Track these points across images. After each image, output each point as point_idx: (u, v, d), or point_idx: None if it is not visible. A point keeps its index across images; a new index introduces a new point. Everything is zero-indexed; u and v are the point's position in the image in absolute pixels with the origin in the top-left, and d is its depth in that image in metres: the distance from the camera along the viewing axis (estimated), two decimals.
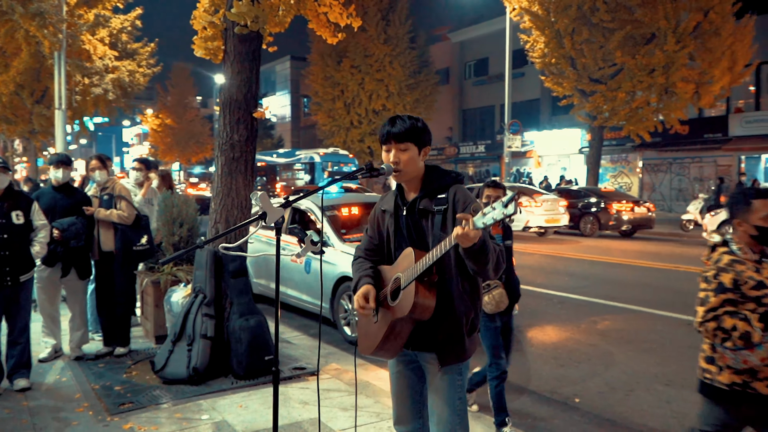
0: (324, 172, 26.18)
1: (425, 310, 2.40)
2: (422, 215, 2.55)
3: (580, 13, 19.65)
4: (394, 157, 2.54)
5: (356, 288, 2.64)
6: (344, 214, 7.63)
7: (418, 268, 2.37)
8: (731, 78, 19.38)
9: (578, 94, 21.19)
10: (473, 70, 36.41)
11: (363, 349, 2.68)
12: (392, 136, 2.53)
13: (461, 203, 2.49)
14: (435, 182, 2.57)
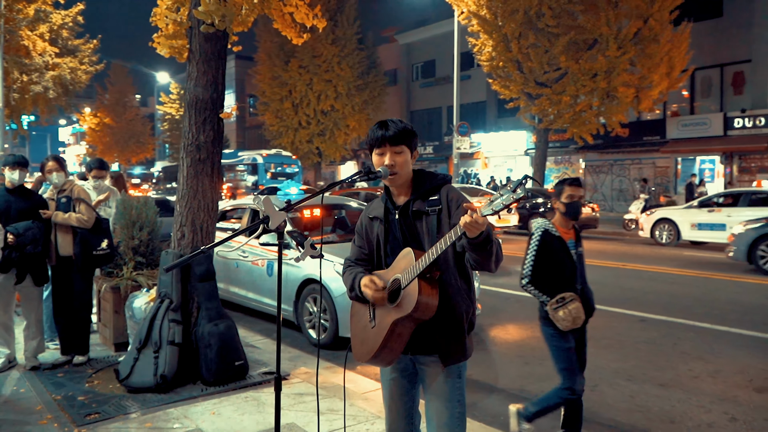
0: (267, 173, 26.04)
1: (428, 308, 2.39)
2: (416, 217, 2.56)
3: (526, 18, 20.10)
4: (389, 160, 2.54)
5: (353, 287, 2.62)
6: (306, 216, 7.58)
7: (420, 264, 2.35)
8: (669, 83, 20.20)
9: (525, 97, 21.67)
10: (420, 71, 36.73)
11: (359, 356, 2.65)
12: (387, 140, 2.54)
13: (455, 202, 2.51)
14: (426, 184, 2.58)
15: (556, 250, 3.67)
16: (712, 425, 4.34)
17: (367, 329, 2.61)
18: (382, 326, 2.52)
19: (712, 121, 22.56)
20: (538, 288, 3.67)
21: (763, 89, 22.16)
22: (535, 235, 3.69)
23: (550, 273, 3.66)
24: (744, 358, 5.81)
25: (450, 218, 2.49)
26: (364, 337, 2.63)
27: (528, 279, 3.68)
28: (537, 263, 3.66)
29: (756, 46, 22.22)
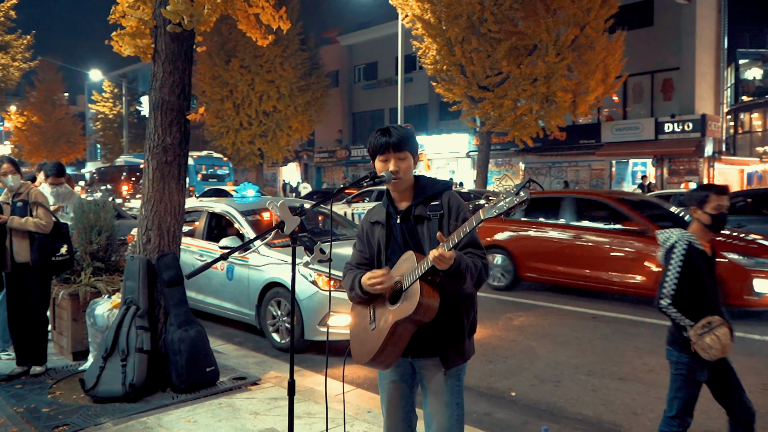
0: (198, 174, 25.63)
1: (429, 309, 2.41)
2: (418, 222, 2.60)
3: (469, 22, 20.48)
4: (393, 166, 2.57)
5: (353, 287, 2.64)
6: (266, 218, 7.50)
7: (422, 267, 2.39)
8: (604, 89, 21.02)
9: (468, 101, 22.07)
10: (362, 73, 36.83)
11: (359, 357, 2.68)
12: (391, 146, 2.57)
13: (455, 210, 2.58)
14: (428, 189, 2.63)
15: (699, 266, 3.24)
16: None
17: (367, 331, 2.64)
18: (383, 328, 2.54)
19: (644, 125, 23.63)
20: (680, 310, 3.26)
21: (690, 96, 23.39)
22: (678, 248, 3.23)
23: (692, 293, 3.26)
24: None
25: (449, 224, 2.54)
26: (363, 338, 2.65)
27: (670, 300, 3.26)
28: (680, 282, 3.23)
29: (684, 54, 23.43)
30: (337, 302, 6.02)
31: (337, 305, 6.02)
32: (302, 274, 6.18)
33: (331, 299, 6.01)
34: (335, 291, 6.04)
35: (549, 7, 19.88)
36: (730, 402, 3.44)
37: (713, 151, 23.41)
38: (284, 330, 6.33)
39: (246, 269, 6.73)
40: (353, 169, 35.01)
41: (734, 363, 5.66)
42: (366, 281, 2.54)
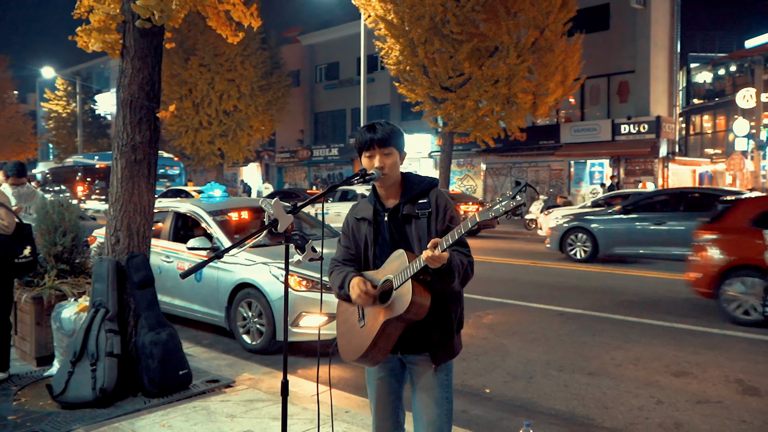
0: None
1: (421, 308, 2.42)
2: (406, 220, 2.60)
3: (432, 24, 20.61)
4: (378, 162, 2.57)
5: (342, 286, 2.62)
6: (234, 219, 7.39)
7: (414, 266, 2.39)
8: (563, 91, 21.45)
9: (430, 101, 22.20)
10: (324, 73, 36.69)
11: (346, 355, 2.67)
12: (376, 142, 2.57)
13: (443, 208, 2.58)
14: (415, 187, 2.63)
15: None
16: (642, 408, 4.70)
17: (356, 329, 2.63)
18: (373, 326, 2.53)
19: (602, 126, 24.20)
20: None
21: (645, 98, 24.05)
22: None
23: None
24: (657, 346, 6.31)
25: (436, 223, 2.55)
26: (352, 336, 2.64)
27: None
28: None
29: (639, 58, 24.08)
30: (309, 302, 5.98)
31: (309, 305, 5.98)
32: (274, 274, 6.12)
33: (304, 300, 5.97)
34: (307, 291, 6.00)
35: (509, 9, 20.16)
36: None
37: (667, 152, 24.13)
38: (255, 331, 6.25)
39: (215, 271, 6.62)
40: (315, 169, 34.86)
41: (694, 355, 5.84)
42: (352, 289, 2.54)
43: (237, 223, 7.41)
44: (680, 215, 11.69)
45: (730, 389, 5.06)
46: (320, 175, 34.57)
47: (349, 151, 32.87)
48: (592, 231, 12.34)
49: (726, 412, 4.62)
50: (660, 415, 4.57)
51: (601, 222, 12.35)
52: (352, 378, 5.51)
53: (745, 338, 6.58)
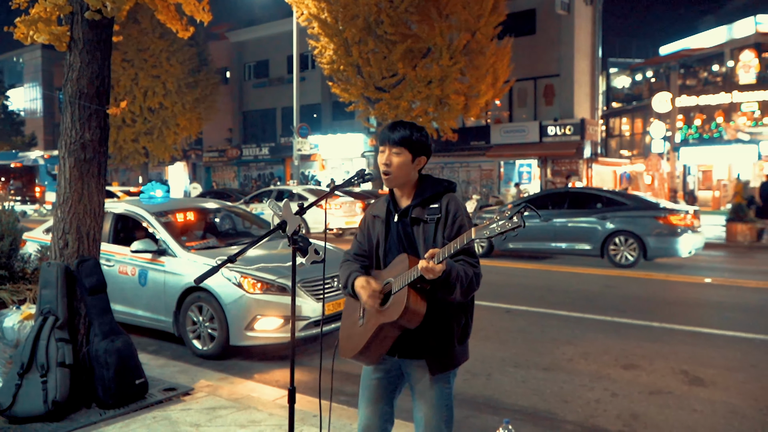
0: (50, 175, 24.31)
1: (414, 316, 2.40)
2: (414, 223, 2.57)
3: (366, 24, 20.66)
4: (386, 159, 2.55)
5: (347, 284, 2.58)
6: (179, 220, 7.12)
7: (412, 274, 2.37)
8: (494, 93, 22.00)
9: (364, 101, 22.24)
10: (253, 71, 36.04)
11: (344, 352, 2.64)
12: (389, 140, 2.56)
13: (452, 215, 2.54)
14: (428, 191, 2.59)
15: None
16: (599, 401, 4.87)
17: (356, 326, 2.60)
18: (369, 327, 2.52)
19: (530, 128, 24.98)
20: None
21: (569, 101, 25.00)
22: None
23: None
24: (603, 340, 6.56)
25: (444, 229, 2.52)
26: (351, 333, 2.62)
27: None
28: None
29: (563, 62, 25.01)
30: (264, 305, 5.85)
31: (264, 308, 5.85)
32: (226, 276, 5.94)
33: (259, 302, 5.83)
34: (262, 294, 5.86)
35: (442, 12, 20.48)
36: None
37: (591, 153, 25.19)
38: (207, 336, 6.04)
39: (162, 274, 6.36)
40: (245, 169, 34.18)
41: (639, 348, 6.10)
42: (358, 288, 2.50)
43: (182, 224, 7.14)
44: (565, 213, 12.48)
45: (678, 380, 5.32)
46: (251, 174, 33.92)
47: (280, 151, 32.43)
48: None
49: (677, 402, 4.85)
50: (617, 407, 4.75)
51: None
52: (312, 381, 5.43)
53: (683, 330, 6.94)
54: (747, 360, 5.86)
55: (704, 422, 4.46)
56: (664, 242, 11.54)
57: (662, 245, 11.55)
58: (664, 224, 11.56)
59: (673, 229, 11.51)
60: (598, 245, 11.98)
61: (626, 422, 4.47)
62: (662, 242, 11.53)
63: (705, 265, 12.47)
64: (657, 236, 11.52)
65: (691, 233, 11.66)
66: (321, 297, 6.06)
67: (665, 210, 12.00)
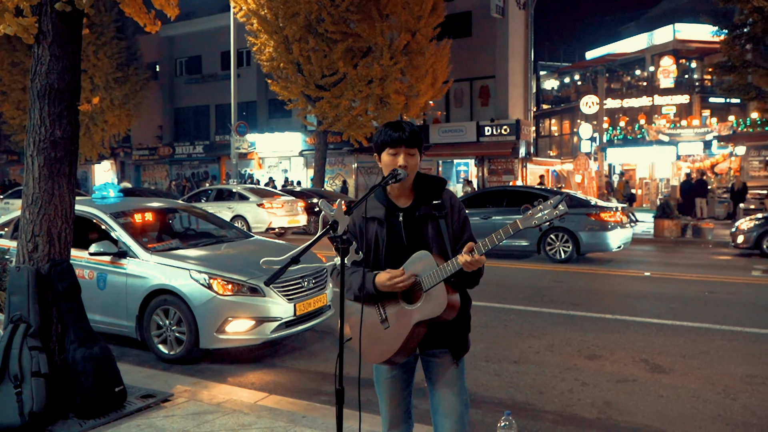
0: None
1: (454, 309, 2.51)
2: (422, 221, 2.62)
3: (307, 21, 20.49)
4: (403, 161, 2.56)
5: (363, 285, 2.57)
6: (138, 221, 6.88)
7: (447, 268, 2.44)
8: (433, 93, 22.31)
9: (304, 99, 22.04)
10: (185, 67, 35.05)
11: (371, 356, 2.65)
12: (404, 141, 2.57)
13: (457, 209, 2.65)
14: (428, 188, 2.66)
15: None
16: (572, 391, 5.07)
17: (380, 330, 2.62)
18: (402, 327, 2.55)
19: (467, 128, 25.49)
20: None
21: (504, 102, 25.69)
22: None
23: None
24: (564, 333, 6.81)
25: (452, 224, 2.62)
26: (377, 337, 2.62)
27: None
28: None
29: (498, 64, 25.66)
30: (235, 307, 5.74)
31: (236, 310, 5.75)
32: (194, 278, 5.80)
33: (230, 304, 5.72)
34: (233, 295, 5.76)
35: (382, 12, 20.58)
36: None
37: (525, 152, 25.98)
38: (174, 340, 5.87)
39: (123, 277, 6.12)
40: (177, 167, 33.19)
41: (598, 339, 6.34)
42: (385, 281, 2.52)
43: (141, 225, 6.91)
44: (504, 210, 12.90)
45: (640, 368, 5.61)
46: (184, 173, 32.97)
47: (215, 149, 31.70)
48: None
49: (643, 389, 5.12)
50: (589, 396, 4.97)
51: None
52: (288, 383, 5.40)
53: (635, 321, 7.30)
54: (697, 347, 6.24)
55: (671, 407, 4.73)
56: (595, 238, 12.15)
57: (594, 240, 12.17)
58: (595, 221, 12.14)
59: (604, 225, 12.12)
60: (535, 241, 12.48)
61: (601, 410, 4.68)
62: (594, 238, 12.14)
63: (641, 259, 13.15)
64: (589, 232, 12.11)
65: (620, 229, 12.31)
66: (292, 298, 6.01)
67: (597, 207, 12.61)
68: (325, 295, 6.51)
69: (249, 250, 6.87)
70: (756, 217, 13.92)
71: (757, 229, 13.02)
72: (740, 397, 4.90)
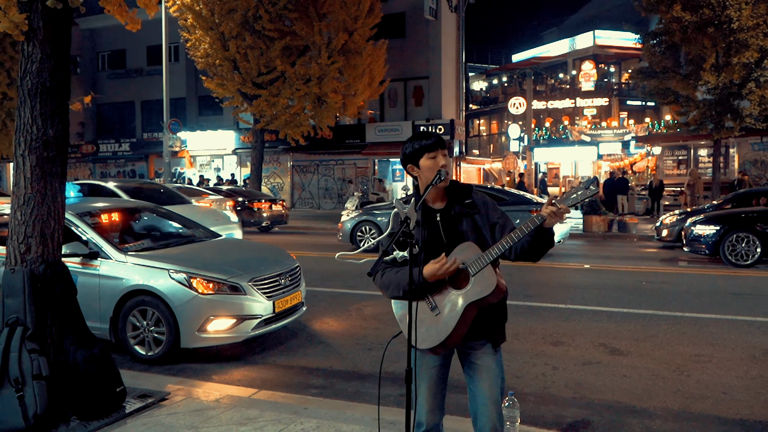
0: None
1: (501, 290, 2.75)
2: (457, 219, 2.86)
3: (244, 18, 20.27)
4: (443, 160, 2.82)
5: (414, 280, 2.74)
6: (106, 221, 6.75)
7: (493, 252, 2.68)
8: (370, 93, 22.58)
9: (240, 97, 21.78)
10: (107, 61, 33.74)
11: (424, 343, 2.81)
12: (439, 144, 2.83)
13: (491, 205, 2.93)
14: (459, 191, 2.93)
15: None
16: (545, 375, 5.45)
17: (431, 317, 2.80)
18: (454, 311, 2.75)
19: (403, 127, 25.93)
20: None
21: (438, 102, 26.30)
22: None
23: None
24: (525, 322, 7.21)
25: (489, 218, 2.87)
26: (430, 324, 2.80)
27: None
28: None
29: (431, 65, 26.25)
30: (217, 305, 5.79)
31: (217, 309, 5.79)
32: (174, 278, 5.79)
33: (212, 303, 5.75)
34: (215, 294, 5.80)
35: (319, 11, 20.64)
36: None
37: (459, 152, 26.70)
38: (152, 341, 5.83)
39: (96, 279, 6.01)
40: (102, 165, 31.91)
41: (558, 327, 6.73)
42: (433, 270, 2.71)
43: (107, 224, 6.78)
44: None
45: (601, 352, 6.07)
46: (109, 172, 31.74)
47: (142, 147, 30.71)
48: (378, 223, 13.65)
49: (608, 370, 5.56)
50: (562, 378, 5.36)
51: (385, 215, 13.68)
52: (275, 378, 5.50)
53: (587, 310, 7.83)
54: (647, 332, 6.80)
55: (636, 384, 5.18)
56: None
57: None
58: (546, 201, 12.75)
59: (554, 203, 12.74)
60: None
61: (575, 390, 5.08)
62: None
63: (577, 253, 13.93)
64: None
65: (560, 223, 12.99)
66: (271, 295, 6.10)
67: (538, 204, 13.23)
68: (300, 293, 6.64)
69: (223, 248, 6.90)
70: (677, 212, 15.04)
71: (679, 223, 14.04)
72: (693, 373, 5.43)
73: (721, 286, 9.59)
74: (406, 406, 2.71)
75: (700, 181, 22.68)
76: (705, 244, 11.52)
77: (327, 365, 5.84)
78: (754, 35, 17.86)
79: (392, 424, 4.04)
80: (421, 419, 2.97)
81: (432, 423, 2.97)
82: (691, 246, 11.93)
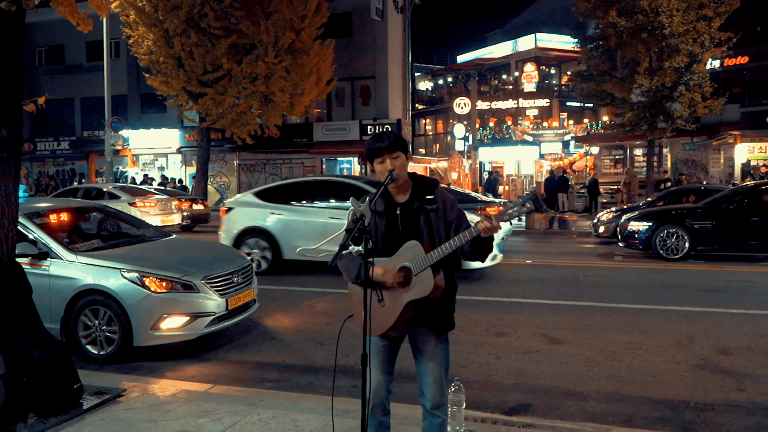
0: None
1: (440, 290, 2.99)
2: (416, 214, 3.11)
3: (189, 16, 20.01)
4: (390, 165, 3.04)
5: (359, 275, 2.99)
6: (54, 221, 6.71)
7: (434, 256, 2.94)
8: (318, 92, 22.66)
9: (185, 95, 21.49)
10: (45, 57, 32.64)
11: (372, 330, 3.05)
12: (384, 149, 3.05)
13: (449, 204, 3.15)
14: (423, 187, 3.16)
15: None
16: (489, 364, 5.77)
17: (377, 308, 3.06)
18: (396, 305, 3.02)
19: (351, 127, 26.14)
20: None
21: (384, 102, 26.61)
22: None
23: None
24: (470, 315, 7.54)
25: (445, 216, 3.11)
26: (375, 314, 3.05)
27: None
28: None
29: (378, 65, 26.53)
30: (170, 304, 5.86)
31: (170, 307, 5.86)
32: (126, 277, 5.84)
33: (165, 301, 5.83)
34: (167, 293, 5.87)
35: (265, 9, 20.58)
36: None
37: None
38: (104, 340, 5.87)
39: (46, 279, 5.98)
40: (40, 165, 30.86)
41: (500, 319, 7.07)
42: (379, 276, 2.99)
43: (56, 225, 6.74)
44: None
45: (540, 341, 6.45)
46: (47, 171, 30.72)
47: (82, 145, 29.87)
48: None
49: (546, 357, 5.93)
50: (504, 366, 5.69)
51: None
52: (229, 374, 5.63)
53: (528, 303, 8.24)
54: (582, 322, 7.23)
55: (572, 370, 5.56)
56: None
57: None
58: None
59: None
60: None
61: (517, 377, 5.42)
62: None
63: (520, 249, 14.45)
64: None
65: None
66: (224, 293, 6.21)
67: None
68: (252, 290, 6.77)
69: (174, 247, 6.95)
70: (613, 210, 15.79)
71: (615, 220, 14.77)
72: (624, 359, 5.86)
73: (653, 279, 10.20)
74: (362, 387, 2.92)
75: (636, 180, 23.77)
76: (639, 239, 12.17)
77: (280, 360, 6.00)
78: (684, 41, 18.91)
79: (345, 413, 4.24)
80: (374, 388, 3.20)
81: (377, 400, 3.21)
82: (626, 241, 12.59)
